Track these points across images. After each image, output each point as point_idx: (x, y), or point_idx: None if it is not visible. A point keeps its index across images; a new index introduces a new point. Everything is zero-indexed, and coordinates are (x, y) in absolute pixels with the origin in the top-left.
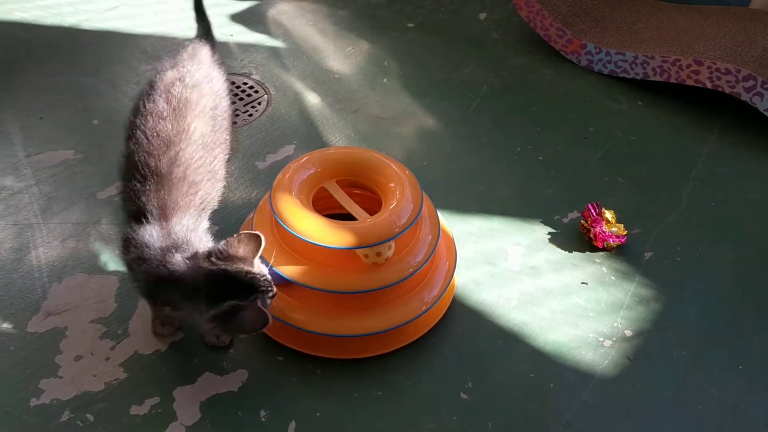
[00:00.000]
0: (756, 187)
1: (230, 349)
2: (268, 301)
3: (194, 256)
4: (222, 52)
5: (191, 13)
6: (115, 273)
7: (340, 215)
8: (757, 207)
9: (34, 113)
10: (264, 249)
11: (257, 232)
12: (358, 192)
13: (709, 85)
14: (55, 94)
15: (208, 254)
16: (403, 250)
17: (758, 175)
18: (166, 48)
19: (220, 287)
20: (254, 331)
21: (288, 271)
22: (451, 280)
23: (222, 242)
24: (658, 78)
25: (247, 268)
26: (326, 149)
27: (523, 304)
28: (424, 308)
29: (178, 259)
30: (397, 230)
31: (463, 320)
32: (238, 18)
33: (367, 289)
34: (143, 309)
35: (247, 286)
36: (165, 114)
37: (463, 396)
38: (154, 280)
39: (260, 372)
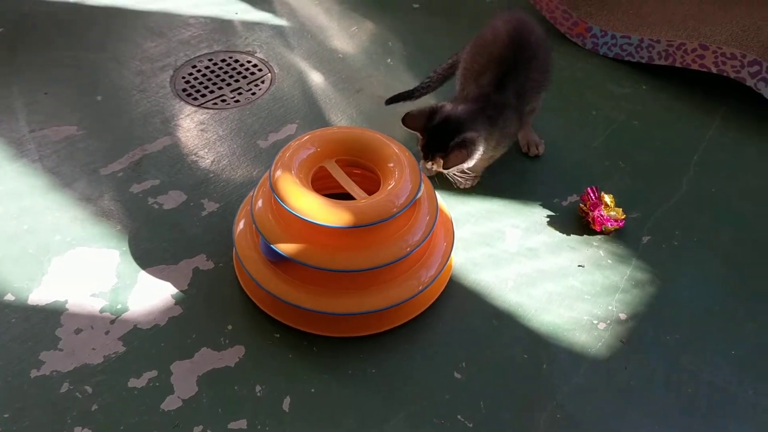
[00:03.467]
0: (757, 174)
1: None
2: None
3: None
4: (226, 30)
5: None
6: (116, 248)
7: (339, 195)
8: (757, 194)
9: (38, 89)
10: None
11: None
12: (358, 172)
13: (714, 70)
14: (60, 70)
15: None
16: (401, 230)
17: (760, 162)
18: (171, 25)
19: None
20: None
21: (286, 248)
22: (448, 261)
23: None
24: (662, 62)
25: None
26: (327, 129)
27: (519, 286)
28: (420, 288)
29: None
30: (394, 210)
31: (460, 300)
32: None
33: (363, 268)
34: (143, 284)
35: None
36: None
37: (457, 375)
38: None
39: (257, 348)
